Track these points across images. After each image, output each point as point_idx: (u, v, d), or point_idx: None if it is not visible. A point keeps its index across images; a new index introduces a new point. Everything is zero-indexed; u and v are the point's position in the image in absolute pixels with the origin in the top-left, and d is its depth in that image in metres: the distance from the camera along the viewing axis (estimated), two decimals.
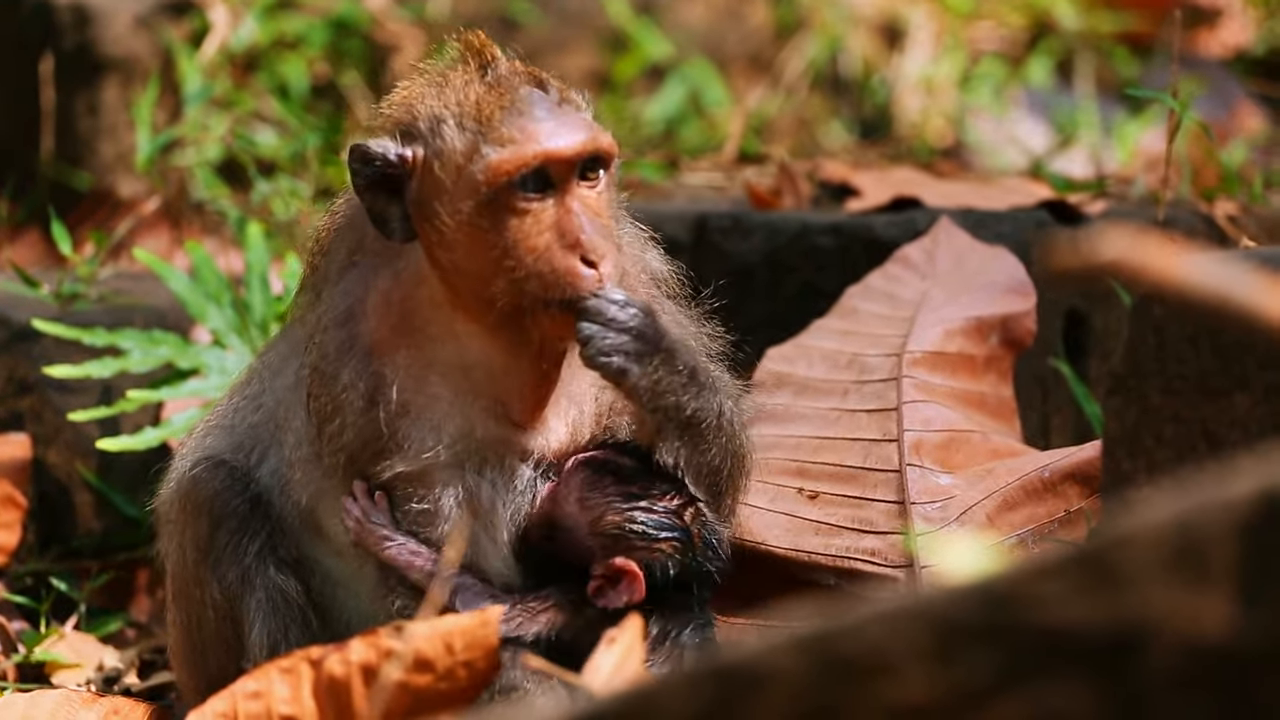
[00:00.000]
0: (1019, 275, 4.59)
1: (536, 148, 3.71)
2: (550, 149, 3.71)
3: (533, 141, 3.71)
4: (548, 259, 3.72)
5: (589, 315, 3.72)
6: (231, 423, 4.10)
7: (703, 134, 7.64)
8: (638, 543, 3.82)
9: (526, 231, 3.73)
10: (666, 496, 3.86)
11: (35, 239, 6.36)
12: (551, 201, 3.74)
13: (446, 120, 3.75)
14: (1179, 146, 5.14)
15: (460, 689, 3.53)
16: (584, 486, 3.84)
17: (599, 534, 3.82)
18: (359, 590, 3.96)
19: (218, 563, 3.98)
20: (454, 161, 3.74)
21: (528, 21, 7.58)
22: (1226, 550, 2.20)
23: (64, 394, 5.06)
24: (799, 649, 2.30)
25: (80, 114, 6.47)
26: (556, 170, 3.73)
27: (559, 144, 3.72)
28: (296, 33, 7.02)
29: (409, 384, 3.84)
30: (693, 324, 4.02)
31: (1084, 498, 4.17)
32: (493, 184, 3.71)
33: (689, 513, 3.86)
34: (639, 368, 3.76)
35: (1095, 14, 8.41)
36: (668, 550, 3.82)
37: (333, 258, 3.94)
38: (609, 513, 3.82)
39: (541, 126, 3.72)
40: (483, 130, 3.72)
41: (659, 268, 4.04)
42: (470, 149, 3.73)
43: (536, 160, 3.71)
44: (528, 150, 3.71)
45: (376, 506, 3.87)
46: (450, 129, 3.75)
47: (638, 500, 3.84)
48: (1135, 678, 2.20)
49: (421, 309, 3.84)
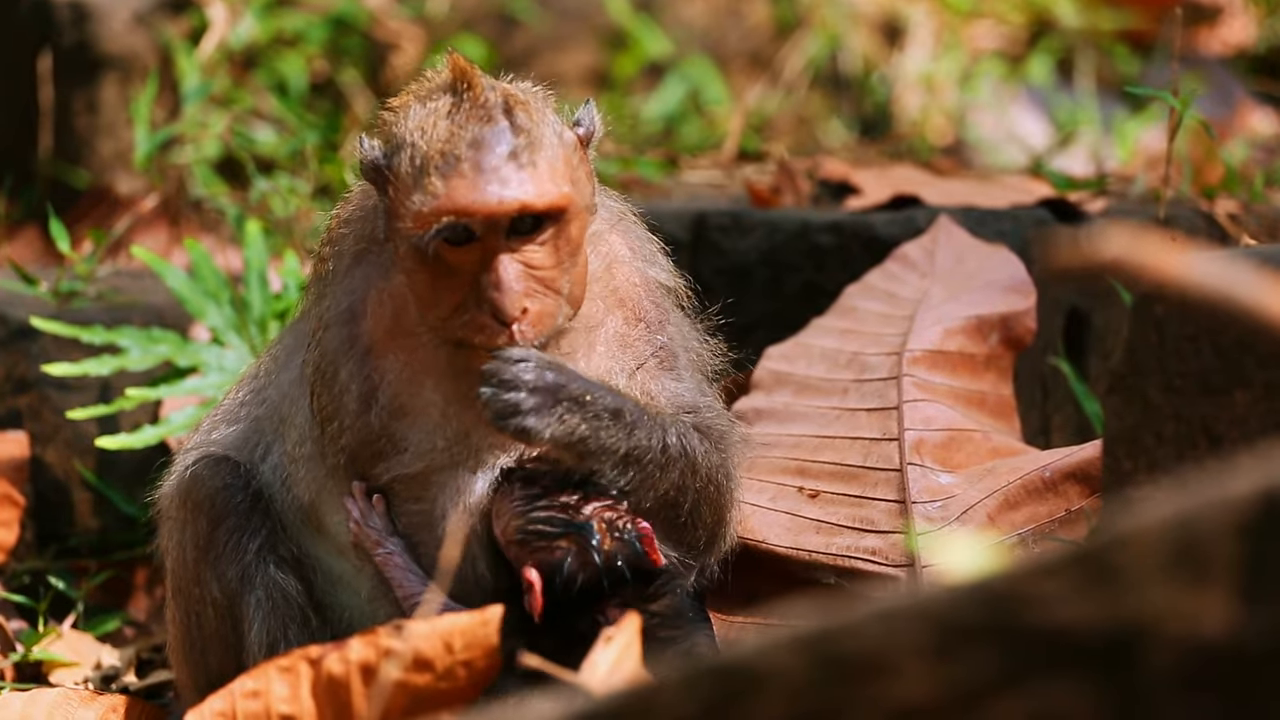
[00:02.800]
0: (1019, 274, 4.58)
1: (455, 204, 3.68)
2: (468, 206, 3.68)
3: (454, 197, 3.68)
4: (462, 311, 3.73)
5: (486, 378, 3.72)
6: (237, 416, 4.10)
7: (702, 132, 7.64)
8: (538, 543, 3.77)
9: (445, 280, 3.73)
10: (566, 493, 3.81)
11: (33, 236, 6.35)
12: (479, 253, 3.72)
13: (405, 149, 3.73)
14: (1180, 144, 5.14)
15: (459, 688, 3.52)
16: (498, 499, 3.82)
17: (511, 542, 3.79)
18: (359, 589, 3.95)
19: (217, 560, 3.97)
20: (402, 191, 3.73)
21: (527, 19, 7.58)
22: (1227, 549, 2.19)
23: (62, 392, 5.06)
24: (798, 648, 2.30)
25: (78, 111, 6.47)
26: (479, 226, 3.70)
27: (480, 202, 3.68)
28: (295, 30, 7.02)
29: (402, 387, 3.84)
30: (697, 340, 4.02)
31: (1085, 497, 4.16)
32: (415, 231, 3.71)
33: (590, 508, 3.80)
34: (540, 421, 3.73)
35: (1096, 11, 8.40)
36: (567, 546, 3.77)
37: (341, 251, 3.95)
38: (512, 518, 3.79)
39: (467, 181, 3.69)
40: (421, 173, 3.70)
41: (667, 279, 4.03)
42: (411, 187, 3.72)
43: (452, 217, 3.68)
44: (447, 205, 3.68)
45: (374, 509, 3.86)
46: (405, 160, 3.73)
47: (535, 501, 3.80)
48: (1135, 677, 2.20)
49: (410, 311, 3.84)
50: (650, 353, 3.94)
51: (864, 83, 8.14)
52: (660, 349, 3.95)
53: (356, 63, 7.14)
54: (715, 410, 3.98)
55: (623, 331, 3.94)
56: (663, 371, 3.94)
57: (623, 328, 3.94)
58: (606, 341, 3.92)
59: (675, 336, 3.99)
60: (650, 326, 3.95)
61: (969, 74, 8.20)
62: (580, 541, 3.76)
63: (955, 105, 8.10)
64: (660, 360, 3.94)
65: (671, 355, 3.96)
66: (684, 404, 3.93)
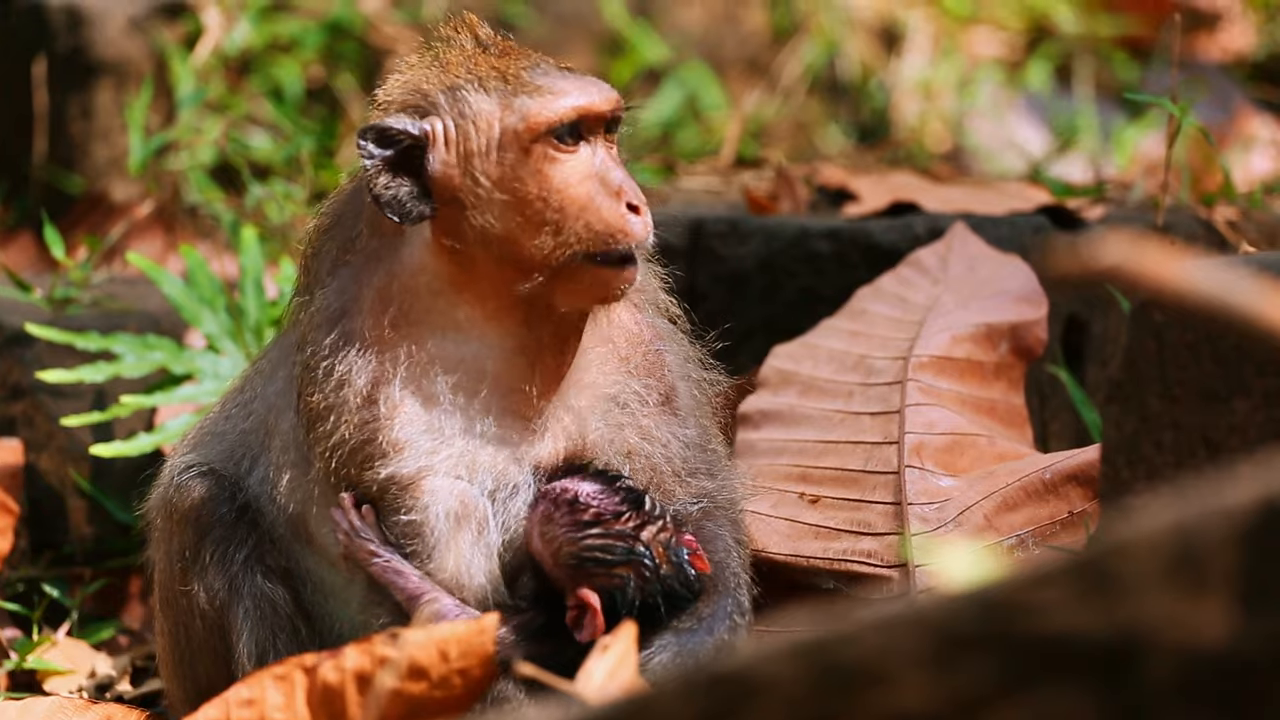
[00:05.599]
0: (1031, 284, 4.58)
1: (573, 100, 3.78)
2: (585, 103, 3.78)
3: (568, 95, 3.78)
4: (594, 208, 3.76)
5: None
6: (223, 429, 4.08)
7: (699, 138, 7.64)
8: (595, 570, 3.77)
9: (568, 180, 3.77)
10: (621, 519, 3.81)
11: (28, 243, 6.35)
12: (588, 152, 3.79)
13: (464, 88, 3.80)
14: (1178, 151, 5.13)
15: (455, 697, 3.51)
16: (542, 521, 3.81)
17: (561, 566, 3.79)
18: (348, 599, 3.93)
19: (204, 571, 3.96)
20: (484, 121, 3.78)
21: (523, 24, 7.57)
22: (1225, 558, 2.18)
23: (57, 399, 5.05)
24: (796, 656, 2.29)
25: (73, 117, 6.46)
26: (589, 124, 3.79)
27: (594, 99, 3.79)
28: (291, 35, 7.01)
29: (409, 382, 3.82)
30: (695, 365, 4.02)
31: (1086, 499, 4.15)
32: (533, 132, 3.76)
33: (648, 532, 3.81)
34: None
35: (1094, 18, 8.40)
36: (626, 573, 3.78)
37: (322, 258, 3.94)
38: (565, 544, 3.79)
39: (571, 83, 3.80)
40: (512, 87, 3.78)
41: (663, 300, 4.04)
42: (502, 105, 3.78)
43: (575, 113, 3.77)
44: (565, 102, 3.77)
45: (364, 520, 3.83)
46: (472, 94, 3.79)
47: (590, 527, 3.79)
48: (1134, 686, 2.19)
49: (422, 299, 3.83)
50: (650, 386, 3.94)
51: (862, 89, 8.14)
52: (660, 380, 3.95)
53: (352, 68, 7.13)
54: (718, 455, 4.02)
55: (624, 354, 3.94)
56: (665, 413, 3.95)
57: (623, 349, 3.94)
58: (609, 360, 3.92)
59: (673, 364, 3.99)
60: (649, 351, 3.96)
61: (967, 80, 8.19)
62: (638, 569, 3.79)
63: (953, 111, 8.09)
64: (663, 399, 3.94)
65: (672, 389, 3.97)
66: (689, 452, 3.96)
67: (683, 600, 3.81)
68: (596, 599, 3.75)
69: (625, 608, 3.75)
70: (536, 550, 3.79)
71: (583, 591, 3.75)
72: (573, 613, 3.76)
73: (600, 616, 3.74)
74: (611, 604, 3.75)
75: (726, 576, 3.91)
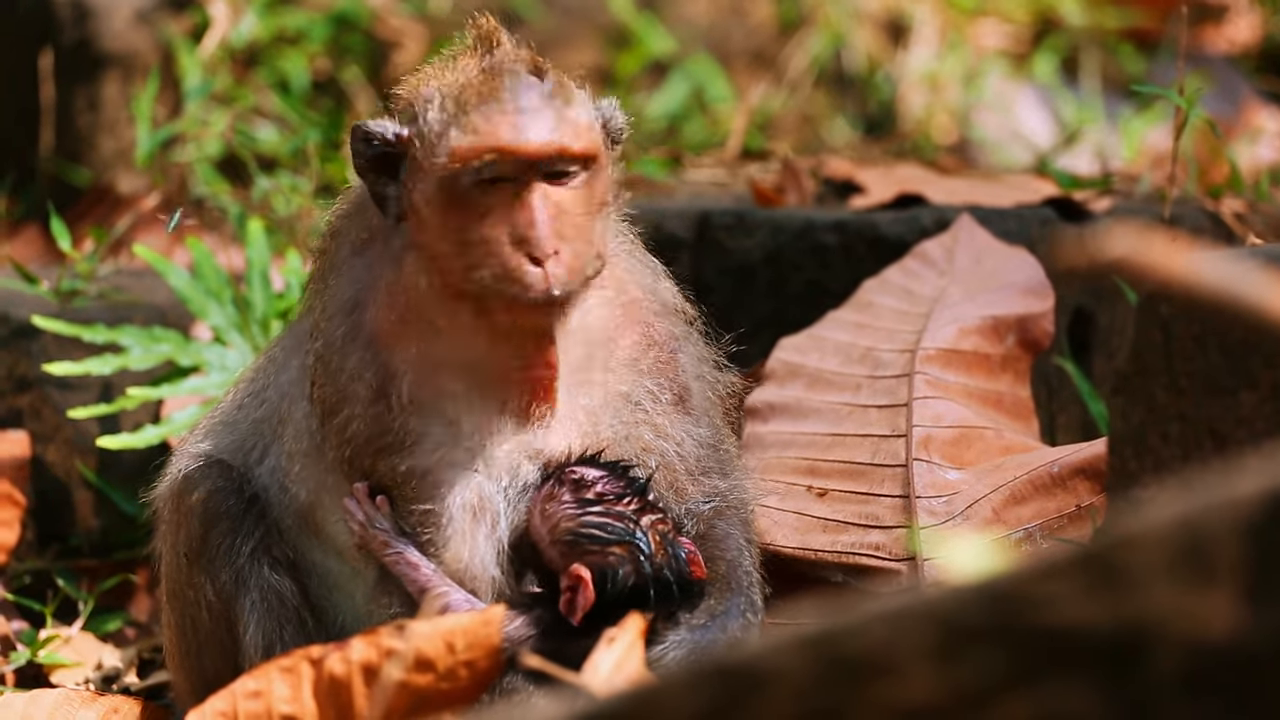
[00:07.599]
0: (1038, 276, 4.58)
1: (494, 140, 3.71)
2: (506, 144, 3.71)
3: (493, 133, 3.71)
4: (496, 253, 3.71)
5: None
6: (234, 419, 4.08)
7: (706, 130, 7.63)
8: (590, 547, 3.77)
9: (479, 222, 3.72)
10: (623, 502, 3.81)
11: (34, 235, 6.35)
12: (511, 194, 3.72)
13: (434, 100, 3.77)
14: (1185, 143, 5.12)
15: (462, 689, 3.51)
16: (545, 499, 3.80)
17: (557, 541, 3.78)
18: (356, 591, 3.93)
19: (211, 563, 3.96)
20: (429, 141, 3.75)
21: (530, 16, 7.57)
22: (1232, 550, 2.18)
23: (64, 391, 5.05)
24: (802, 648, 2.29)
25: (80, 109, 6.46)
26: (515, 165, 3.72)
27: (518, 139, 3.71)
28: (297, 28, 7.02)
29: (420, 377, 3.82)
30: (708, 364, 4.02)
31: (1094, 493, 4.15)
32: (450, 169, 3.72)
33: (647, 519, 3.81)
34: None
35: (1101, 10, 8.39)
36: (621, 554, 3.77)
37: (341, 243, 3.94)
38: (564, 519, 3.78)
39: (507, 119, 3.72)
40: (456, 115, 3.73)
41: (674, 300, 4.03)
42: (443, 131, 3.74)
43: (491, 154, 3.70)
44: (486, 141, 3.70)
45: (379, 510, 3.83)
46: (433, 109, 3.76)
47: (592, 505, 3.79)
48: (1141, 678, 2.19)
49: (424, 300, 3.83)
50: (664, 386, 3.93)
51: (868, 81, 8.14)
52: (674, 380, 3.94)
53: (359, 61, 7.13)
54: (730, 455, 4.02)
55: (636, 355, 3.93)
56: (679, 412, 3.94)
57: (635, 350, 3.93)
58: (621, 361, 3.91)
59: (687, 365, 3.98)
60: (662, 352, 3.95)
61: (974, 72, 8.19)
62: (633, 551, 3.77)
63: (960, 104, 8.09)
64: (677, 398, 3.94)
65: (685, 389, 3.96)
66: (703, 451, 3.96)
67: (674, 596, 3.79)
68: (589, 573, 3.74)
69: (616, 591, 3.74)
70: (535, 528, 3.79)
71: (575, 568, 3.75)
72: (566, 595, 3.75)
73: (591, 589, 3.72)
74: (603, 586, 3.75)
75: (739, 575, 3.91)
